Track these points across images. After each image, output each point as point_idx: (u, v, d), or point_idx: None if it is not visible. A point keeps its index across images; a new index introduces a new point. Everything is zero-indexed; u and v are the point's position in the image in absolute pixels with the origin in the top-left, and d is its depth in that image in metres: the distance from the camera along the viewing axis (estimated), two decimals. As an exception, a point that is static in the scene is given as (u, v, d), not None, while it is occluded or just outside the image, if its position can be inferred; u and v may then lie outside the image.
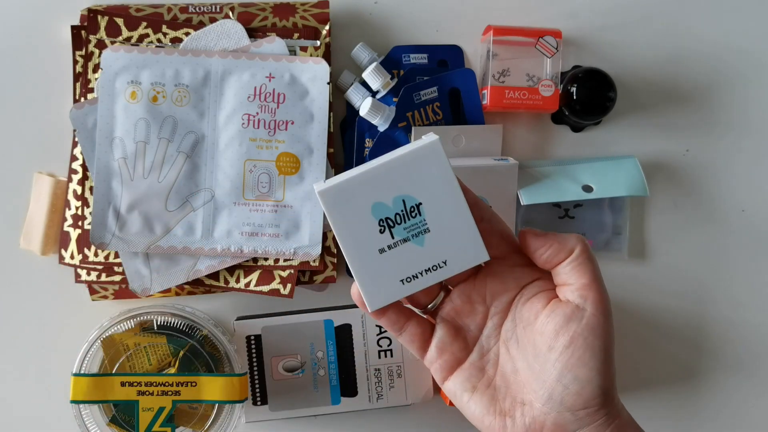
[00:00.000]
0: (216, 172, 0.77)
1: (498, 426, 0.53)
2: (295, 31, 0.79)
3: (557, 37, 0.80)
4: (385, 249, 0.55)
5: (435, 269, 0.55)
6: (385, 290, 0.55)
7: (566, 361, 0.50)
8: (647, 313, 0.86)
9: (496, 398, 0.54)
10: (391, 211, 0.55)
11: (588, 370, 0.50)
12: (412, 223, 0.54)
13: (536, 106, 0.80)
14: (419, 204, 0.54)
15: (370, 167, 0.54)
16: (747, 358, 0.86)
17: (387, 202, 0.54)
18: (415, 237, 0.55)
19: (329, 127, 0.78)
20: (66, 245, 0.78)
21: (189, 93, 0.77)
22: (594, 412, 0.50)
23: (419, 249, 0.55)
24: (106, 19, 0.77)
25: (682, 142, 0.85)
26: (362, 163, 0.65)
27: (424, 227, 0.54)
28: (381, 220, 0.54)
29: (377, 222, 0.54)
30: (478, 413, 0.54)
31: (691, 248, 0.86)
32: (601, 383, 0.50)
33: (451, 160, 0.56)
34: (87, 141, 0.76)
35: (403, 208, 0.54)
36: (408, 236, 0.54)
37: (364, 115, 0.76)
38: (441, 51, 0.83)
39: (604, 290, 0.53)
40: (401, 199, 0.54)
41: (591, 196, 0.79)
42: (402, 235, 0.54)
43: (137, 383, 0.74)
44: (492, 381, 0.54)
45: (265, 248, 0.77)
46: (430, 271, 0.55)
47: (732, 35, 0.85)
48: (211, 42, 0.77)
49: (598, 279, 0.53)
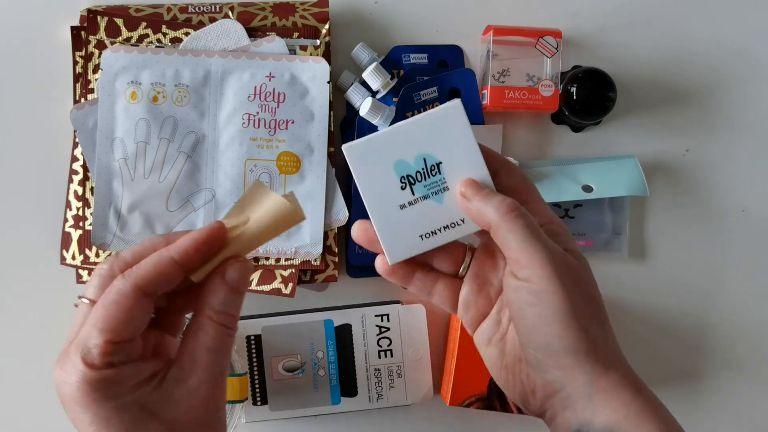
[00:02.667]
0: (217, 172, 0.77)
1: (504, 378, 0.54)
2: (294, 31, 0.79)
3: (557, 37, 0.80)
4: (406, 205, 0.57)
5: (453, 226, 0.57)
6: (405, 244, 0.57)
7: (521, 331, 0.50)
8: (647, 312, 0.86)
9: (504, 352, 0.54)
10: (412, 169, 0.57)
11: (541, 336, 0.49)
12: (432, 181, 0.57)
13: (536, 106, 0.80)
14: (439, 163, 0.57)
15: (394, 127, 0.56)
16: (747, 357, 0.87)
17: (409, 160, 0.57)
18: (435, 195, 0.57)
19: (330, 126, 0.78)
20: (67, 246, 0.78)
21: (189, 93, 0.77)
22: (570, 372, 0.49)
23: (438, 206, 0.57)
24: (105, 20, 0.77)
25: (681, 142, 0.85)
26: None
27: (443, 185, 0.57)
28: (403, 177, 0.57)
29: (399, 179, 0.57)
30: (491, 364, 0.55)
31: (691, 248, 0.86)
32: (566, 345, 0.48)
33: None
34: (87, 141, 0.76)
35: (423, 166, 0.57)
36: (428, 193, 0.57)
37: (364, 115, 0.76)
38: (441, 51, 0.83)
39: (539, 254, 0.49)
40: (422, 158, 0.57)
41: (591, 196, 0.79)
42: (422, 192, 0.57)
43: None
44: (504, 334, 0.54)
45: (266, 247, 0.77)
46: (449, 228, 0.57)
47: (731, 36, 0.85)
48: (211, 42, 0.77)
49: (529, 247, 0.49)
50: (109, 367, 0.44)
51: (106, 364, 0.44)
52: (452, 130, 0.57)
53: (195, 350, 0.47)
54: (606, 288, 0.85)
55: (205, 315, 0.48)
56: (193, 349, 0.47)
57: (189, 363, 0.47)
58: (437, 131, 0.57)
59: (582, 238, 0.83)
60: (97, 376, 0.44)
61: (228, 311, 0.48)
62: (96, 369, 0.44)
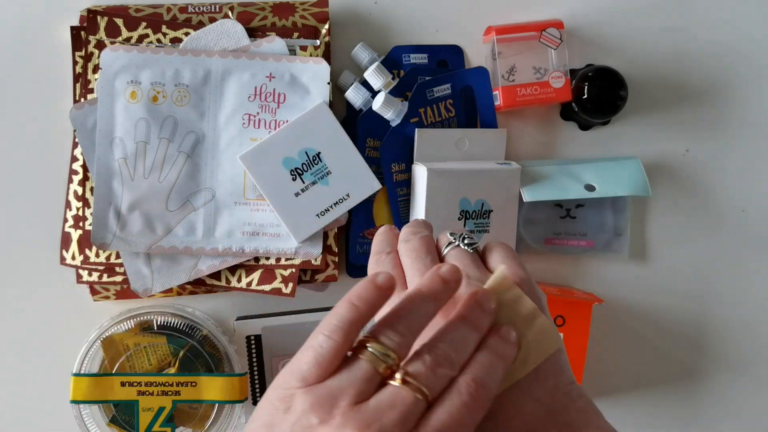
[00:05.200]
0: (217, 172, 0.77)
1: None
2: (294, 31, 0.79)
3: (560, 28, 0.80)
4: (300, 192, 0.73)
5: (342, 201, 0.74)
6: (305, 224, 0.73)
7: None
8: (647, 313, 0.86)
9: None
10: (298, 162, 0.73)
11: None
12: (316, 169, 0.73)
13: (549, 98, 0.80)
14: (319, 153, 0.73)
15: (276, 132, 0.73)
16: (748, 358, 0.87)
17: (293, 156, 0.73)
18: (321, 179, 0.73)
19: (329, 126, 0.78)
20: (67, 246, 0.78)
21: (189, 93, 0.77)
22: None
23: (326, 188, 0.73)
24: (105, 20, 0.77)
25: (682, 141, 0.85)
26: (367, 162, 0.77)
27: (326, 170, 0.73)
28: (292, 170, 0.73)
29: (289, 172, 0.73)
30: None
31: (692, 249, 0.86)
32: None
33: (453, 162, 0.76)
34: (87, 141, 0.76)
35: (306, 158, 0.73)
36: (315, 179, 0.73)
37: (376, 109, 0.76)
38: (441, 51, 0.83)
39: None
40: (305, 151, 0.73)
41: (593, 195, 0.79)
42: (310, 179, 0.73)
43: (137, 383, 0.74)
44: None
45: (267, 248, 0.77)
46: (338, 203, 0.74)
47: (732, 38, 0.85)
48: (211, 42, 0.77)
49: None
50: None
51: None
52: (322, 125, 0.74)
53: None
54: (606, 288, 0.85)
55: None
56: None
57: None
58: (311, 129, 0.73)
59: (583, 239, 0.83)
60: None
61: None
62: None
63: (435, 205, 0.73)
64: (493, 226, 0.76)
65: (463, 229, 0.70)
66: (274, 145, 0.74)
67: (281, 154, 0.74)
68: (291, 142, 0.74)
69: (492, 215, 0.76)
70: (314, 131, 0.74)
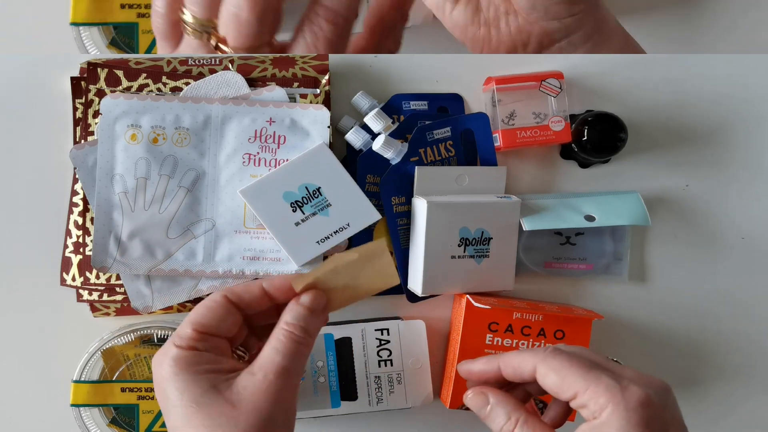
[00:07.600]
0: (217, 205, 0.77)
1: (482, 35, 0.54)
2: (294, 81, 0.79)
3: (560, 78, 0.80)
4: (300, 222, 0.75)
5: (342, 230, 0.75)
6: (305, 250, 0.75)
7: None
8: (647, 330, 0.86)
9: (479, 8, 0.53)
10: (298, 196, 0.75)
11: None
12: (316, 202, 0.75)
13: (549, 140, 0.80)
14: (319, 188, 0.75)
15: (276, 170, 0.75)
16: (748, 381, 0.86)
17: (294, 190, 0.75)
18: (321, 210, 0.75)
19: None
20: (67, 269, 0.77)
21: (189, 135, 0.76)
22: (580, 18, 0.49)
23: (326, 218, 0.75)
24: (105, 71, 0.77)
25: (681, 178, 0.86)
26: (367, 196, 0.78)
27: (326, 203, 0.75)
28: (291, 203, 0.75)
29: (289, 204, 0.74)
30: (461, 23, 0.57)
31: (692, 273, 0.86)
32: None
33: (453, 196, 0.77)
34: (87, 177, 0.75)
35: (306, 192, 0.75)
36: (315, 211, 0.75)
37: (377, 149, 0.76)
38: (441, 98, 0.83)
39: None
40: (305, 186, 0.75)
41: (593, 224, 0.79)
42: (310, 210, 0.75)
43: (137, 389, 0.75)
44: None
45: (267, 270, 0.76)
46: (338, 232, 0.75)
47: (733, 88, 0.86)
48: (211, 90, 0.77)
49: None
50: (192, 349, 0.56)
51: (190, 347, 0.56)
52: (323, 164, 0.75)
53: (265, 351, 0.57)
54: (606, 306, 0.85)
55: (279, 326, 0.58)
56: (265, 351, 0.57)
57: (259, 361, 0.56)
58: (311, 166, 0.75)
59: (583, 263, 0.83)
60: (180, 354, 0.55)
61: (298, 323, 0.58)
62: (181, 349, 0.56)
63: (435, 233, 0.75)
64: (493, 252, 0.77)
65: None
66: (275, 181, 0.75)
67: (282, 189, 0.75)
68: (291, 178, 0.75)
69: (492, 242, 0.77)
70: (314, 168, 0.75)
